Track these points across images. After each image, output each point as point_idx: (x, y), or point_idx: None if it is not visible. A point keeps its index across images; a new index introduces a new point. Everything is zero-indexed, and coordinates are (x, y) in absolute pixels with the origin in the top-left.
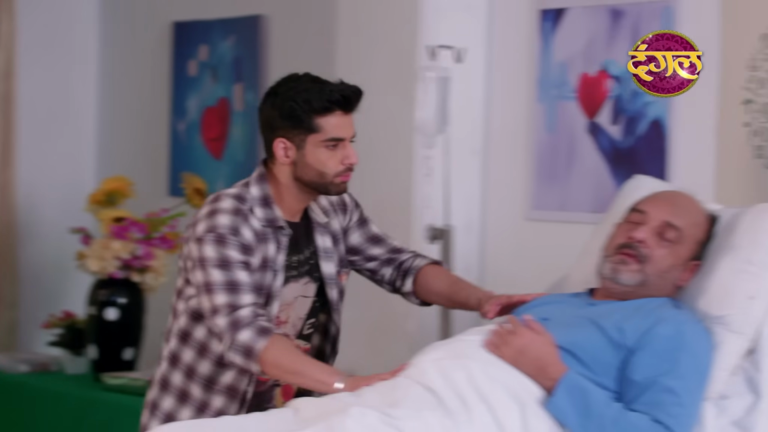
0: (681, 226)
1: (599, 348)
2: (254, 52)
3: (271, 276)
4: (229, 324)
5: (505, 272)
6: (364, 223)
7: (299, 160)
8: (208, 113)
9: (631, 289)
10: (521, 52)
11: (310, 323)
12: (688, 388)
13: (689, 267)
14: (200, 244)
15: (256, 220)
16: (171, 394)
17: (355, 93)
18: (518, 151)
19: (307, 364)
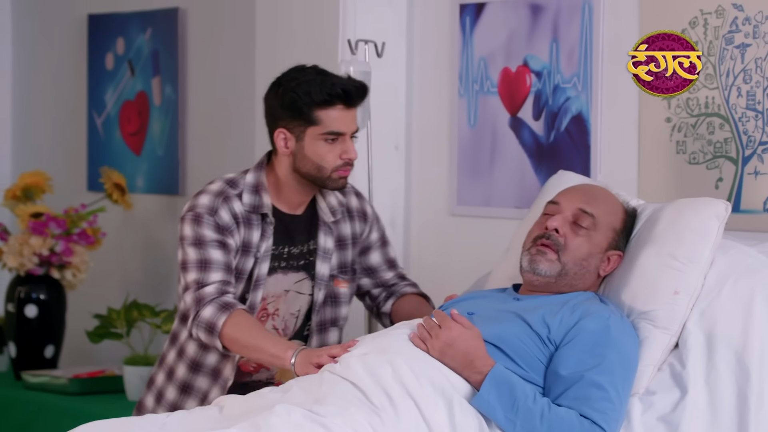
0: (595, 213)
1: (525, 342)
2: (172, 45)
3: (251, 261)
4: (194, 300)
5: (430, 268)
6: (385, 244)
7: (298, 151)
8: (127, 107)
9: (552, 279)
10: (442, 47)
11: (308, 324)
12: (614, 383)
13: (610, 257)
14: (181, 223)
15: (240, 205)
16: (163, 371)
17: (359, 88)
18: (441, 147)
19: (264, 339)
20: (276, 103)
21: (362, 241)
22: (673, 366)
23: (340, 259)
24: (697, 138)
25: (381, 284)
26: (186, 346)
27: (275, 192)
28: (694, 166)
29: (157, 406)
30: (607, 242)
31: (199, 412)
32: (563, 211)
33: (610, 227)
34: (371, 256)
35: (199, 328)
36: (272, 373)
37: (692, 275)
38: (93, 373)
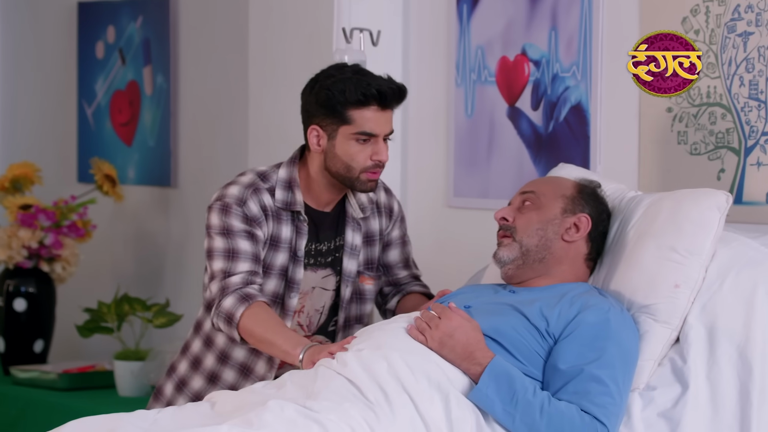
0: (534, 189)
1: (524, 336)
2: (164, 33)
3: (281, 257)
4: (219, 290)
5: (426, 261)
6: (405, 243)
7: (329, 150)
8: (117, 97)
9: (519, 261)
10: (439, 35)
11: (334, 321)
12: (615, 378)
13: (576, 222)
14: (209, 212)
15: (271, 199)
16: (187, 359)
17: (395, 90)
18: (437, 137)
19: (277, 334)
20: (311, 99)
21: (385, 236)
22: (674, 361)
23: (366, 255)
24: (698, 128)
25: (393, 282)
26: (214, 336)
27: (306, 188)
28: (695, 157)
29: (177, 394)
30: (560, 208)
31: (190, 408)
32: (511, 205)
33: (558, 195)
34: (390, 253)
35: (219, 318)
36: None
37: (693, 268)
38: (83, 369)
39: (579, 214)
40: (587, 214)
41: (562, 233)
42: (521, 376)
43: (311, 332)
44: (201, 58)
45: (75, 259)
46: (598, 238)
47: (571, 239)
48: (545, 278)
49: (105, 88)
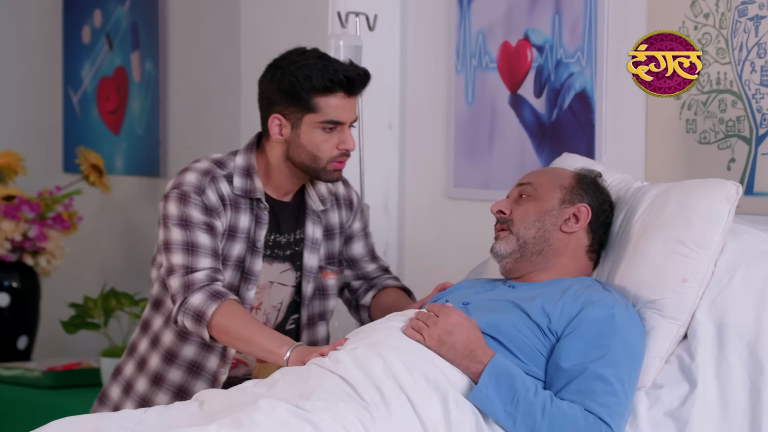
0: (531, 180)
1: (524, 333)
2: (152, 17)
3: (238, 247)
4: (182, 286)
5: (426, 254)
6: (367, 235)
7: (293, 139)
8: (105, 84)
9: (517, 254)
10: (438, 20)
11: (293, 319)
12: (620, 376)
13: (576, 212)
14: (165, 201)
15: (228, 187)
16: (133, 360)
17: (362, 76)
18: (437, 126)
19: (257, 332)
20: (273, 87)
21: (346, 230)
22: (682, 358)
23: (327, 249)
24: (708, 116)
25: (362, 276)
26: (161, 335)
27: (264, 177)
28: (704, 146)
29: (124, 398)
30: (558, 198)
31: (178, 407)
32: (508, 198)
33: (555, 186)
34: (354, 246)
35: (186, 316)
36: (250, 369)
37: (701, 262)
38: (68, 366)
39: (578, 204)
40: (587, 204)
41: (560, 224)
42: (522, 375)
43: None
44: (191, 43)
45: (60, 252)
46: (599, 229)
47: (570, 230)
48: (545, 272)
49: (91, 74)
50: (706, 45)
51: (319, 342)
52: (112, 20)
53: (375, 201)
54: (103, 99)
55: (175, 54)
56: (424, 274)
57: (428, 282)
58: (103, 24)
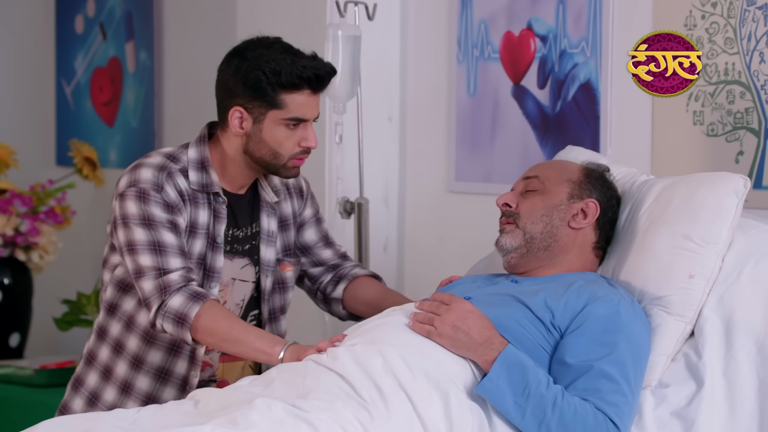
0: (538, 174)
1: (527, 328)
2: (147, 6)
3: (199, 244)
4: (157, 288)
5: (426, 249)
6: (319, 220)
7: (254, 134)
8: (98, 74)
9: (523, 249)
10: (439, 9)
11: (253, 315)
12: (626, 375)
13: (584, 208)
14: (122, 200)
15: (185, 182)
16: (96, 370)
17: (329, 72)
18: (438, 118)
19: (246, 332)
20: (237, 79)
21: (302, 222)
22: (689, 356)
23: (283, 240)
24: (715, 108)
25: (319, 263)
26: (124, 341)
27: (219, 170)
28: (712, 139)
29: (90, 409)
30: (566, 193)
31: (172, 406)
32: (514, 190)
33: (563, 180)
34: (306, 233)
35: (166, 319)
36: (213, 370)
37: (709, 257)
38: (61, 364)
39: (587, 200)
40: (595, 200)
41: (568, 220)
42: (534, 366)
43: None
44: (186, 33)
45: (53, 248)
46: (606, 225)
47: (578, 226)
48: (550, 267)
49: (85, 65)
50: (713, 35)
51: (282, 336)
52: (106, 9)
53: (375, 195)
54: (96, 90)
55: (170, 44)
56: (424, 269)
57: (429, 277)
58: (96, 13)
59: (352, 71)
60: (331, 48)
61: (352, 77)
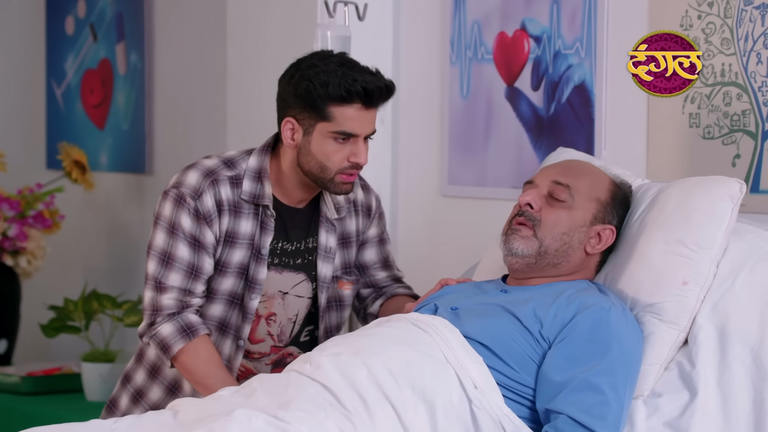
0: (570, 183)
1: (516, 339)
2: (138, 7)
3: (240, 254)
4: (151, 305)
5: (418, 253)
6: (383, 241)
7: (304, 146)
8: (89, 76)
9: (531, 259)
10: (431, 9)
11: (308, 330)
12: (615, 385)
13: (600, 232)
14: (162, 198)
15: (231, 190)
16: (144, 368)
17: (383, 88)
18: (431, 120)
19: (217, 379)
20: (290, 89)
21: (365, 240)
22: (682, 365)
23: (343, 258)
24: (712, 110)
25: (371, 284)
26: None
27: (276, 181)
28: (708, 142)
29: (134, 406)
30: (591, 214)
31: (150, 417)
32: (538, 187)
33: (592, 197)
34: (366, 252)
35: (153, 341)
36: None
37: (703, 263)
38: (48, 371)
39: (606, 225)
40: (614, 227)
41: (585, 243)
42: None
43: (283, 343)
44: (177, 35)
45: (41, 252)
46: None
47: (592, 251)
48: (547, 279)
49: (75, 66)
50: (710, 35)
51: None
52: (97, 10)
53: None
54: (87, 92)
55: (161, 45)
56: (417, 273)
57: (421, 282)
58: (87, 14)
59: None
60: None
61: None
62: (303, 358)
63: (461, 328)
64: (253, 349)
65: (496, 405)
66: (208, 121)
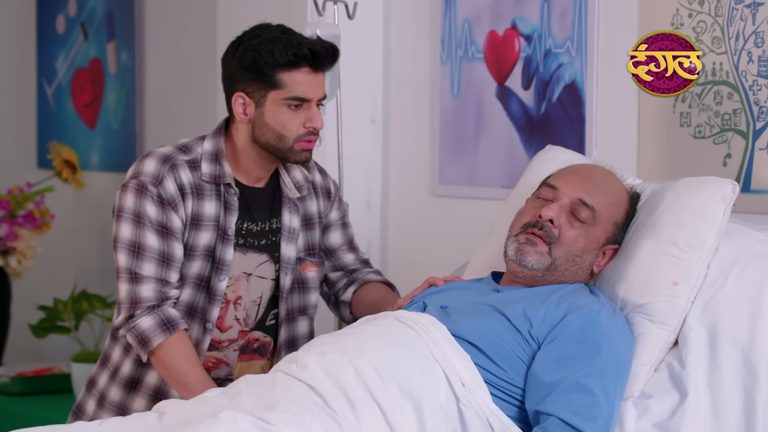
0: (595, 206)
1: (505, 339)
2: (128, 6)
3: (206, 236)
4: (129, 298)
5: (409, 253)
6: (345, 225)
7: (257, 118)
8: (79, 75)
9: (539, 273)
10: (422, 7)
11: (273, 314)
12: (605, 386)
13: (606, 251)
14: (122, 191)
15: (190, 174)
16: (107, 371)
17: (328, 50)
18: (421, 119)
19: (195, 378)
20: (235, 63)
21: (328, 223)
22: (672, 366)
23: (307, 239)
24: (703, 109)
25: (340, 267)
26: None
27: (233, 162)
28: (699, 141)
29: (99, 410)
30: (606, 237)
31: (135, 418)
32: (561, 198)
33: (611, 221)
34: (331, 236)
35: (131, 334)
36: (231, 369)
37: (693, 264)
38: (38, 371)
39: (614, 245)
40: (618, 245)
41: (593, 264)
42: None
43: (249, 327)
44: (168, 34)
45: (31, 252)
46: None
47: (597, 270)
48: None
49: (66, 65)
50: (700, 34)
51: (300, 338)
52: (87, 9)
53: (357, 198)
54: (78, 91)
55: (151, 44)
56: (407, 273)
57: (411, 282)
58: (78, 13)
59: (331, 72)
60: None
61: (330, 78)
62: (289, 358)
63: (450, 326)
64: (222, 337)
65: (484, 403)
66: (199, 121)
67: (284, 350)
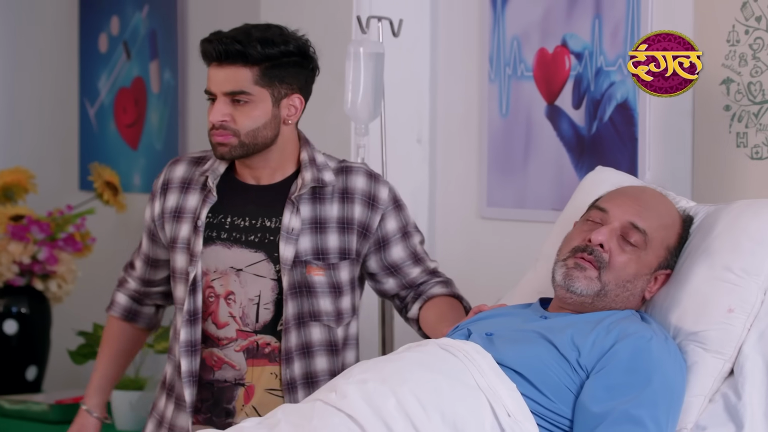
0: (647, 229)
1: (552, 368)
2: (171, 24)
3: (185, 229)
4: (125, 269)
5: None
6: (407, 235)
7: None
8: (122, 95)
9: (588, 299)
10: (469, 25)
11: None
12: (656, 418)
13: (658, 277)
14: None
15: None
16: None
17: (222, 41)
18: (469, 140)
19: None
20: None
21: (373, 232)
22: (727, 396)
23: (315, 243)
24: (760, 129)
25: (408, 285)
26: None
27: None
28: (756, 162)
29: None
30: (658, 262)
31: None
32: (611, 222)
33: (663, 245)
34: (392, 250)
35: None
36: (240, 372)
37: (750, 290)
38: (78, 399)
39: (667, 271)
40: (671, 271)
41: (645, 290)
42: None
43: (249, 328)
44: None
45: (72, 276)
46: None
47: (650, 296)
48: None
49: (109, 85)
50: (758, 51)
51: (315, 345)
52: (130, 27)
53: None
54: (120, 111)
55: (194, 63)
56: None
57: None
58: (120, 32)
59: (375, 90)
60: (352, 66)
61: (374, 97)
62: (329, 386)
63: (495, 354)
64: (219, 334)
65: None
66: None
67: (296, 356)
